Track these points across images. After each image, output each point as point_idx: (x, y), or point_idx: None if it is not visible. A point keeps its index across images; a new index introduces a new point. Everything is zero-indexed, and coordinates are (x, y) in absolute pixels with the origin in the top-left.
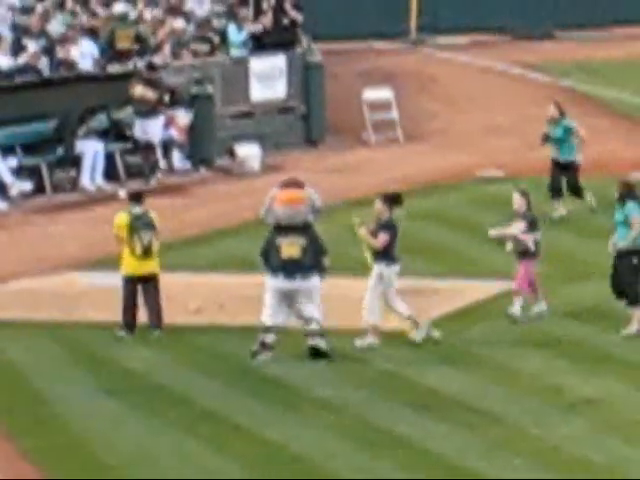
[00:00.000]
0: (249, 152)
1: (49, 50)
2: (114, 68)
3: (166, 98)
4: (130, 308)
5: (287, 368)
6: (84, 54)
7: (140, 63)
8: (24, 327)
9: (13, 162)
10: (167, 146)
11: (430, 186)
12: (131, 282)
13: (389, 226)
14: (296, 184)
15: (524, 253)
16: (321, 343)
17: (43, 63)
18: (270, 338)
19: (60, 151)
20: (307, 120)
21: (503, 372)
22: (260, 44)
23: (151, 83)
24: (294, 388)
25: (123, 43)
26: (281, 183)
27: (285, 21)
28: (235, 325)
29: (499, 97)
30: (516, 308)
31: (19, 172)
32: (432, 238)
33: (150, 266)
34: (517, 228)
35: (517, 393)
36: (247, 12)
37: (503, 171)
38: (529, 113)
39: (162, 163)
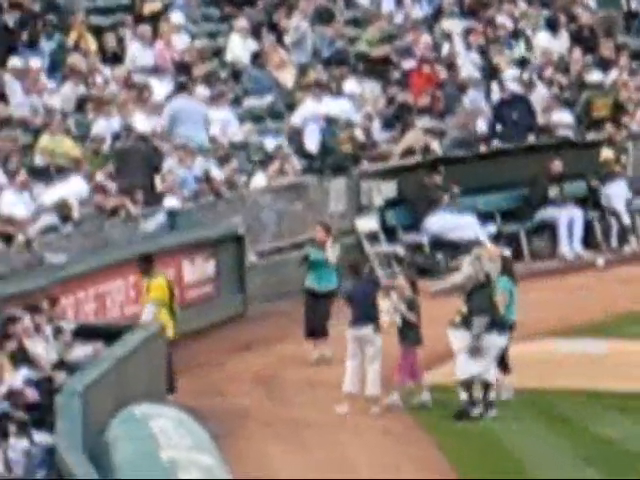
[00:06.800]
0: None
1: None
2: (590, 136)
3: (623, 158)
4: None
5: None
6: (562, 122)
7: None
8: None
9: (492, 228)
10: None
11: None
12: None
13: None
14: None
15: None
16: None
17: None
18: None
19: (537, 218)
20: None
21: None
22: None
23: (611, 142)
24: None
25: (599, 111)
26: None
27: None
28: None
29: None
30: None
31: (497, 238)
32: None
33: None
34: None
35: None
36: None
37: None
38: None
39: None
